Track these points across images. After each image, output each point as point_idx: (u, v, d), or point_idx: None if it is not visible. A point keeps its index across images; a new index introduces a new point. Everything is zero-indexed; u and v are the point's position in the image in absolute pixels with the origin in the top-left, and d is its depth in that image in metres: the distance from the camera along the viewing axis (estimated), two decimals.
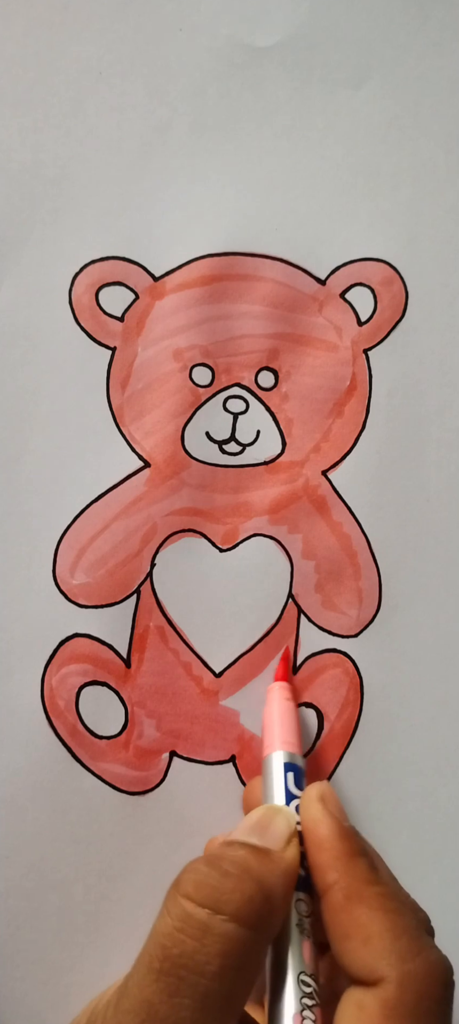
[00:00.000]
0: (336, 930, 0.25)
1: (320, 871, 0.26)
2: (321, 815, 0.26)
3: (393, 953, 0.23)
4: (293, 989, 0.24)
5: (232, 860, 0.24)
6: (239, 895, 0.23)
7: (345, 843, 0.26)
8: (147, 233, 0.35)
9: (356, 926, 0.24)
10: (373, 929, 0.24)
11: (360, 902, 0.24)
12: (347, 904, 0.24)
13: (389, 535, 0.35)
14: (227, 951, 0.22)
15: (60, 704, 0.33)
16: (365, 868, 0.25)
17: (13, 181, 0.35)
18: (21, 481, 0.34)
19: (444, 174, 0.37)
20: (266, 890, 0.24)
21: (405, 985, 0.23)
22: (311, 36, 0.36)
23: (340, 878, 0.25)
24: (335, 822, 0.26)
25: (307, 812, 0.27)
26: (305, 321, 0.36)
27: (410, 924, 0.24)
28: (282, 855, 0.25)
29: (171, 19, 0.36)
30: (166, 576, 0.34)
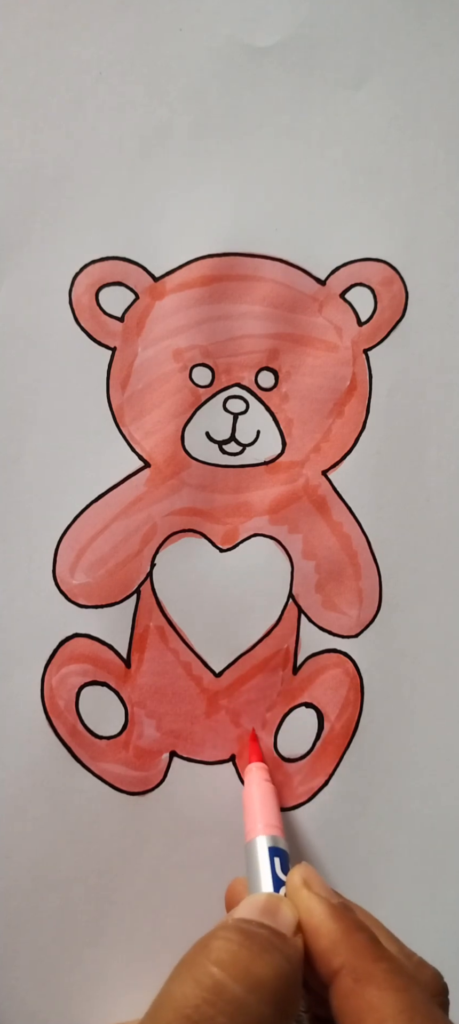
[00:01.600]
0: (347, 1017, 0.23)
1: (323, 958, 0.24)
2: (310, 900, 0.25)
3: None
4: None
5: (265, 937, 0.23)
6: (276, 974, 0.22)
7: (340, 923, 0.25)
8: (147, 233, 0.35)
9: (368, 1010, 0.23)
10: (386, 1012, 0.23)
11: (370, 983, 0.23)
12: (357, 987, 0.23)
13: (389, 535, 0.35)
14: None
15: (60, 704, 0.33)
16: (367, 944, 0.24)
17: (13, 181, 0.35)
18: (21, 481, 0.34)
19: (444, 174, 0.37)
20: (295, 966, 0.23)
21: None
22: (311, 36, 0.36)
23: (345, 961, 0.24)
24: (325, 904, 0.25)
25: (295, 900, 0.26)
26: (305, 321, 0.36)
27: (420, 1000, 0.23)
28: (295, 942, 0.24)
29: (171, 19, 0.36)
30: (166, 576, 0.34)
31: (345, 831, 0.35)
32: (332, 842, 0.34)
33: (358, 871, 0.35)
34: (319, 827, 0.34)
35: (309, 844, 0.34)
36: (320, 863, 0.34)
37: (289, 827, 0.34)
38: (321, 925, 0.25)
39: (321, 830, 0.34)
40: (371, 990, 0.23)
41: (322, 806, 0.34)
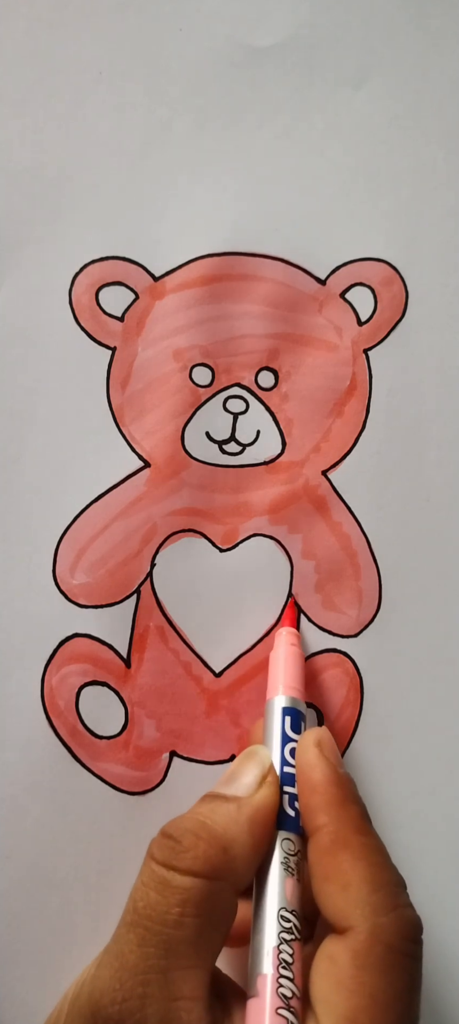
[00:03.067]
0: (318, 871, 0.25)
1: (310, 813, 0.26)
2: (316, 760, 0.27)
3: (368, 904, 0.24)
4: (272, 924, 0.25)
5: (193, 818, 0.26)
6: (193, 852, 0.25)
7: (338, 790, 0.26)
8: (147, 233, 0.35)
9: (337, 871, 0.25)
10: (353, 877, 0.24)
11: (345, 848, 0.25)
12: (332, 848, 0.25)
13: (389, 535, 0.35)
14: (185, 900, 0.24)
15: (60, 704, 0.33)
16: (356, 816, 0.26)
17: (13, 181, 0.35)
18: (21, 481, 0.34)
19: (444, 174, 0.37)
20: (224, 842, 0.25)
21: (376, 936, 0.23)
22: (311, 36, 0.36)
23: (329, 822, 0.25)
24: (330, 767, 0.27)
25: (303, 756, 0.27)
26: (305, 321, 0.36)
27: (390, 880, 0.25)
28: (249, 800, 0.26)
29: (171, 19, 0.36)
30: (166, 576, 0.34)
31: None
32: None
33: None
34: None
35: None
36: None
37: None
38: (318, 784, 0.26)
39: None
40: (345, 854, 0.25)
41: None
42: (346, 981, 0.23)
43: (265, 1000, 0.24)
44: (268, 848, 0.26)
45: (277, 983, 0.24)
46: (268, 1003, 0.24)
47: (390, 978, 0.23)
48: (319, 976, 0.24)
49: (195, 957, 0.24)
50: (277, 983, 0.24)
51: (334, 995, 0.23)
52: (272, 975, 0.24)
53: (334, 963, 0.24)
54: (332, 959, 0.24)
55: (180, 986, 0.23)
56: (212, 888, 0.24)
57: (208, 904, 0.24)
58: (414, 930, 0.25)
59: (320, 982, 0.24)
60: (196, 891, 0.24)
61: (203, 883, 0.24)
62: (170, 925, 0.24)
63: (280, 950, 0.24)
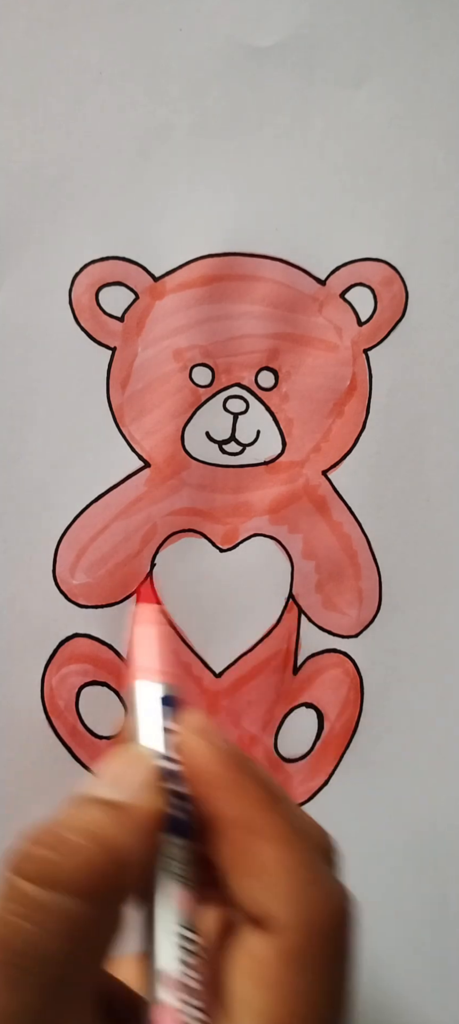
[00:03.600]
0: (229, 865, 0.22)
1: (209, 807, 0.23)
2: (200, 746, 0.23)
3: (287, 891, 0.21)
4: (168, 946, 0.21)
5: (74, 825, 0.21)
6: (85, 869, 0.20)
7: (232, 770, 0.23)
8: (147, 233, 0.35)
9: (250, 861, 0.22)
10: (266, 863, 0.22)
11: (251, 833, 0.22)
12: (239, 836, 0.22)
13: (389, 535, 0.35)
14: (72, 930, 0.20)
15: (60, 704, 0.33)
16: (257, 793, 0.23)
17: (13, 181, 0.35)
18: (21, 481, 0.34)
19: (444, 174, 0.37)
20: (115, 853, 0.21)
21: (302, 931, 0.21)
22: (311, 36, 0.36)
23: (230, 809, 0.23)
24: (216, 750, 0.23)
25: (185, 747, 0.24)
26: (305, 321, 0.36)
27: (307, 855, 0.22)
28: (138, 806, 0.22)
29: (171, 19, 0.36)
30: (166, 576, 0.34)
31: (345, 831, 0.35)
32: None
33: (358, 871, 0.35)
34: None
35: None
36: None
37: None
38: (208, 771, 0.23)
39: None
40: (255, 840, 0.22)
41: (322, 806, 0.34)
42: (271, 982, 0.21)
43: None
44: (156, 858, 0.22)
45: (180, 1014, 0.21)
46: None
47: (321, 974, 0.21)
48: (238, 972, 0.21)
49: (80, 989, 0.20)
50: (180, 1014, 0.21)
51: (257, 996, 0.21)
52: (175, 1007, 0.21)
53: (256, 961, 0.21)
54: (254, 956, 0.21)
55: None
56: (101, 910, 0.20)
57: (96, 930, 0.20)
58: (342, 908, 0.22)
59: (239, 980, 0.21)
60: (84, 916, 0.20)
61: (91, 906, 0.20)
62: (52, 963, 0.20)
63: (182, 975, 0.21)
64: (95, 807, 0.22)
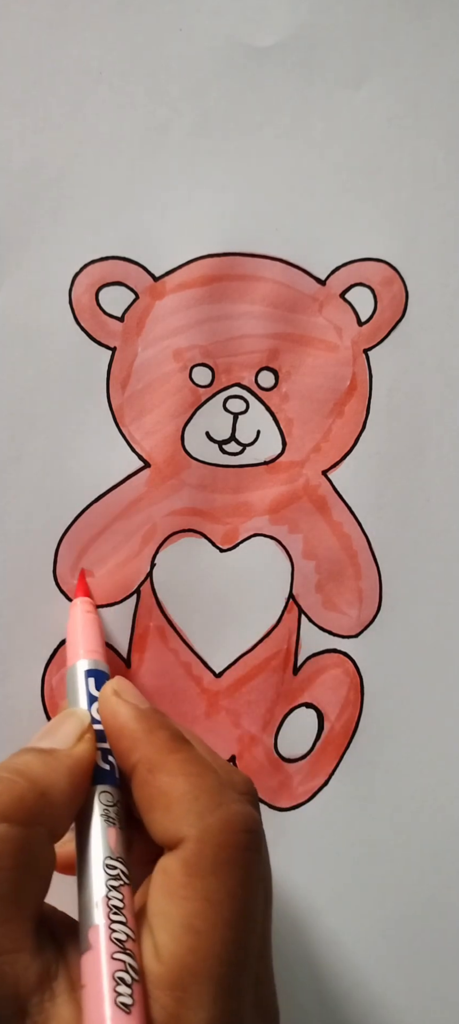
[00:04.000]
0: (142, 805, 0.25)
1: (124, 756, 0.26)
2: (117, 704, 0.27)
3: (192, 813, 0.24)
4: (98, 874, 0.24)
5: (6, 765, 0.25)
6: (8, 796, 0.23)
7: (143, 723, 0.26)
8: (147, 233, 0.35)
9: (158, 795, 0.24)
10: (174, 795, 0.24)
11: (161, 771, 0.25)
12: (149, 776, 0.25)
13: (389, 535, 0.35)
14: (1, 851, 0.23)
15: (60, 704, 0.33)
16: (165, 738, 0.26)
17: (13, 181, 0.35)
18: (21, 481, 0.34)
19: (444, 174, 0.37)
20: (42, 787, 0.24)
21: (203, 840, 0.23)
22: (311, 36, 0.36)
23: (142, 755, 0.25)
24: (131, 707, 0.27)
25: (105, 707, 0.27)
26: (305, 321, 0.36)
27: (211, 782, 0.25)
28: (68, 752, 0.26)
29: (171, 19, 0.36)
30: (166, 576, 0.34)
31: (345, 831, 0.35)
32: (332, 842, 0.34)
33: (358, 871, 0.35)
34: (319, 827, 0.34)
35: (309, 844, 0.34)
36: (320, 863, 0.34)
37: (289, 827, 0.34)
38: (124, 725, 0.26)
39: (321, 830, 0.34)
40: (162, 776, 0.25)
41: (322, 806, 0.34)
42: (178, 889, 0.23)
43: (99, 950, 0.23)
44: (87, 802, 0.26)
45: (110, 930, 0.23)
46: (103, 951, 0.23)
47: (222, 876, 0.23)
48: (154, 891, 0.24)
49: (15, 908, 0.23)
50: (110, 930, 0.23)
51: (168, 905, 0.23)
52: (104, 923, 0.23)
53: (167, 874, 0.23)
54: (165, 871, 0.24)
55: (0, 941, 0.22)
56: (28, 835, 0.23)
57: (25, 853, 0.23)
58: (242, 821, 0.24)
59: (155, 897, 0.24)
60: (12, 839, 0.23)
61: (19, 830, 0.23)
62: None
63: (109, 898, 0.24)
64: (27, 753, 0.25)
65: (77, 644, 0.31)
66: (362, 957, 0.34)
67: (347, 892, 0.35)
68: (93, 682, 0.29)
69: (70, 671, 0.30)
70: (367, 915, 0.35)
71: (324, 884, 0.35)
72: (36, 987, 0.22)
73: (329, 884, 0.35)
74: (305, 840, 0.34)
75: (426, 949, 0.35)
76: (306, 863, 0.34)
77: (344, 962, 0.34)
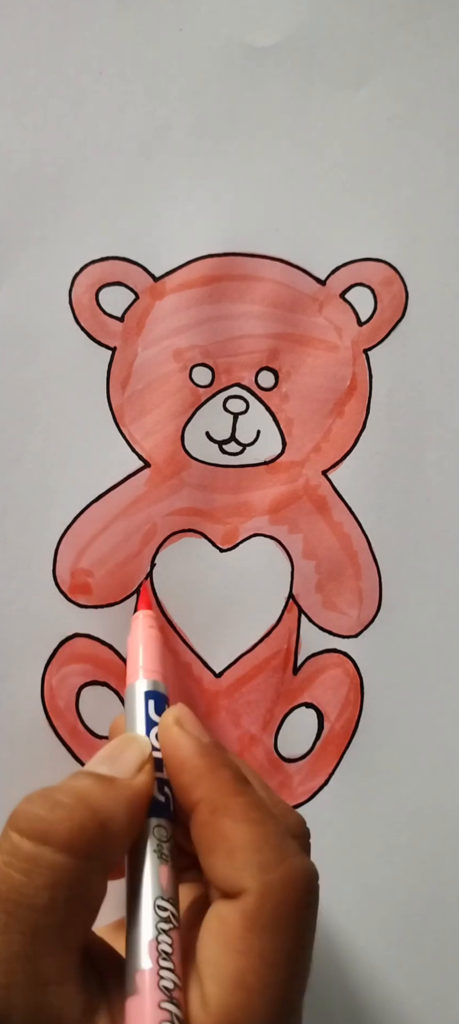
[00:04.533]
0: (202, 846, 0.24)
1: (184, 792, 0.25)
2: (179, 736, 0.26)
3: (254, 864, 0.23)
4: (148, 915, 0.24)
5: (68, 790, 0.24)
6: (69, 824, 0.23)
7: (206, 759, 0.25)
8: (147, 233, 0.35)
9: (220, 839, 0.24)
10: (237, 841, 0.23)
11: (225, 814, 0.24)
12: (211, 818, 0.24)
13: (389, 535, 0.35)
14: (56, 882, 0.22)
15: (60, 704, 0.33)
16: (229, 779, 0.25)
17: (13, 181, 0.35)
18: (21, 481, 0.34)
19: (444, 174, 0.37)
20: (102, 818, 0.23)
21: (265, 895, 0.23)
22: (311, 36, 0.36)
23: (204, 794, 0.24)
24: (194, 740, 0.26)
25: (166, 737, 0.26)
26: (305, 321, 0.36)
27: (273, 832, 0.24)
28: (129, 783, 0.25)
29: (171, 19, 0.36)
30: (166, 576, 0.34)
31: (345, 831, 0.35)
32: (332, 842, 0.34)
33: (358, 871, 0.35)
34: (319, 827, 0.34)
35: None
36: (320, 863, 0.34)
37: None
38: (185, 760, 0.25)
39: (321, 830, 0.34)
40: (225, 821, 0.24)
41: (322, 806, 0.34)
42: (234, 942, 0.22)
43: (145, 996, 0.22)
44: (141, 835, 0.25)
45: (158, 976, 0.22)
46: (149, 998, 0.22)
47: (281, 936, 0.23)
48: (207, 936, 0.23)
49: (64, 939, 0.22)
50: (158, 976, 0.22)
51: (222, 956, 0.22)
52: (151, 969, 0.22)
53: (223, 924, 0.23)
54: (221, 920, 0.23)
55: (48, 971, 0.22)
56: (85, 867, 0.23)
57: (80, 886, 0.23)
58: (304, 879, 0.24)
59: (208, 943, 0.23)
60: (69, 871, 0.22)
61: (76, 862, 0.22)
62: (38, 910, 0.22)
63: (159, 941, 0.23)
64: (88, 778, 0.24)
65: (137, 661, 0.30)
66: (362, 957, 0.34)
67: (347, 892, 0.35)
68: (153, 705, 0.28)
69: (129, 690, 0.29)
70: (367, 915, 0.35)
71: (324, 884, 0.35)
72: (79, 1019, 0.22)
73: (329, 884, 0.35)
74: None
75: (426, 949, 0.35)
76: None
77: (344, 962, 0.34)
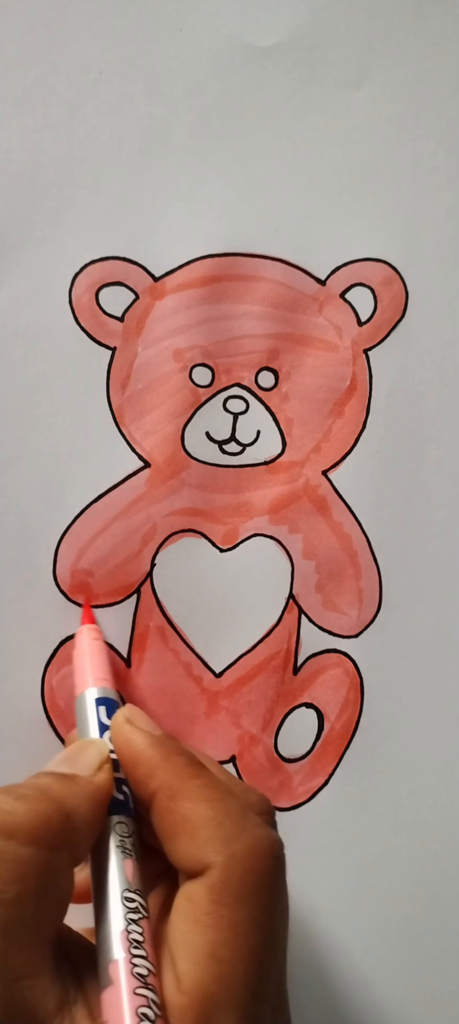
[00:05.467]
0: (164, 833, 0.25)
1: (141, 784, 0.26)
2: (131, 732, 0.27)
3: (217, 839, 0.23)
4: (117, 907, 0.24)
5: (31, 786, 0.24)
6: (34, 816, 0.23)
7: (159, 749, 0.26)
8: (147, 233, 0.35)
9: (181, 822, 0.24)
10: (197, 820, 0.24)
11: (183, 798, 0.24)
12: (171, 804, 0.25)
13: (389, 535, 0.35)
14: (24, 875, 0.22)
15: (60, 704, 0.33)
16: (184, 764, 0.25)
17: (13, 181, 0.35)
18: (21, 481, 0.34)
19: (444, 174, 0.37)
20: (66, 810, 0.24)
21: (230, 867, 0.23)
22: (311, 36, 0.36)
23: (161, 782, 0.25)
24: (145, 734, 0.26)
25: (118, 736, 0.27)
26: (305, 321, 0.36)
27: (233, 808, 0.24)
28: (90, 779, 0.25)
29: (171, 19, 0.36)
30: (166, 576, 0.34)
31: (345, 831, 0.35)
32: (332, 842, 0.34)
33: (358, 871, 0.35)
34: (319, 827, 0.34)
35: (309, 844, 0.34)
36: (320, 863, 0.34)
37: (289, 827, 0.34)
38: (140, 753, 0.26)
39: (321, 830, 0.34)
40: (184, 803, 0.24)
41: (322, 806, 0.34)
42: (203, 917, 0.23)
43: (120, 985, 0.22)
44: (103, 833, 0.26)
45: (131, 964, 0.23)
46: (124, 987, 0.22)
47: (248, 905, 0.23)
48: (177, 918, 0.24)
49: (35, 933, 0.22)
50: (131, 964, 0.23)
51: (192, 933, 0.23)
52: (124, 959, 0.23)
53: (191, 902, 0.23)
54: (189, 898, 0.23)
55: (20, 966, 0.22)
56: (52, 859, 0.23)
57: (48, 877, 0.23)
58: (268, 847, 0.24)
59: (178, 924, 0.23)
60: (36, 863, 0.22)
61: (43, 854, 0.23)
62: (6, 904, 0.22)
63: (129, 931, 0.23)
64: (49, 776, 0.25)
65: (86, 672, 0.31)
66: (362, 957, 0.34)
67: (347, 892, 0.35)
68: (104, 710, 0.29)
69: (79, 700, 0.30)
70: (367, 915, 0.35)
71: (324, 884, 0.35)
72: (55, 1012, 0.22)
73: (329, 884, 0.35)
74: (305, 840, 0.34)
75: (426, 949, 0.35)
76: (306, 863, 0.34)
77: (344, 962, 0.34)
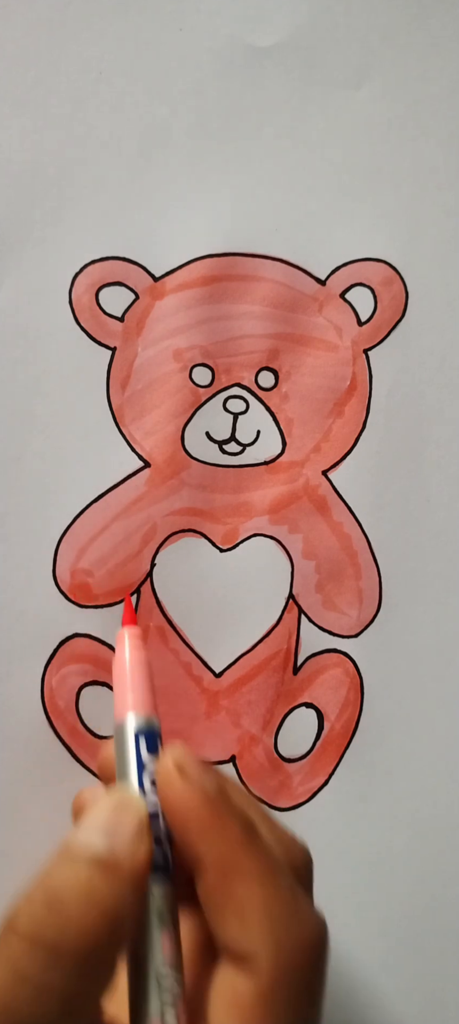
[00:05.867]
0: (210, 905, 0.23)
1: (188, 848, 0.23)
2: (182, 790, 0.24)
3: (266, 929, 0.22)
4: (151, 989, 0.22)
5: (73, 887, 0.21)
6: (83, 942, 0.21)
7: (211, 810, 0.23)
8: (147, 233, 0.35)
9: (230, 900, 0.23)
10: (248, 904, 0.22)
11: (233, 872, 0.23)
12: (219, 878, 0.23)
13: (389, 535, 0.35)
14: (68, 998, 0.20)
15: (60, 704, 0.33)
16: (237, 832, 0.23)
17: (13, 181, 0.35)
18: (21, 481, 0.34)
19: (444, 174, 0.37)
20: (113, 914, 0.21)
21: (279, 964, 0.22)
22: (311, 36, 0.36)
23: (210, 850, 0.23)
24: (197, 792, 0.23)
25: (166, 789, 0.24)
26: (305, 321, 0.36)
27: (284, 887, 0.23)
28: (131, 862, 0.22)
29: (171, 19, 0.36)
30: (166, 576, 0.34)
31: (345, 831, 0.35)
32: (332, 842, 0.34)
33: (358, 871, 0.35)
34: (319, 827, 0.34)
35: (309, 844, 0.34)
36: (320, 863, 0.34)
37: (289, 827, 0.34)
38: (190, 814, 0.23)
39: (321, 830, 0.34)
40: (236, 883, 0.23)
41: (322, 806, 0.34)
42: (248, 1013, 0.22)
43: None
44: (144, 903, 0.23)
45: None
46: None
47: (294, 1004, 0.22)
48: (219, 1004, 0.22)
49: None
50: None
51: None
52: None
53: (236, 994, 0.22)
54: (235, 989, 0.22)
55: None
56: (100, 970, 0.21)
57: (92, 983, 0.21)
58: (317, 937, 0.23)
59: (220, 1012, 0.22)
60: (82, 985, 0.21)
61: (88, 975, 0.21)
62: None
63: (164, 1020, 0.22)
64: (89, 868, 0.22)
65: (125, 692, 0.27)
66: (362, 957, 0.34)
67: (346, 892, 0.35)
68: (144, 744, 0.25)
69: (118, 729, 0.26)
70: (367, 915, 0.35)
71: (323, 884, 0.35)
72: None
73: (328, 884, 0.35)
74: (305, 840, 0.34)
75: (426, 949, 0.35)
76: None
77: (343, 962, 0.34)
